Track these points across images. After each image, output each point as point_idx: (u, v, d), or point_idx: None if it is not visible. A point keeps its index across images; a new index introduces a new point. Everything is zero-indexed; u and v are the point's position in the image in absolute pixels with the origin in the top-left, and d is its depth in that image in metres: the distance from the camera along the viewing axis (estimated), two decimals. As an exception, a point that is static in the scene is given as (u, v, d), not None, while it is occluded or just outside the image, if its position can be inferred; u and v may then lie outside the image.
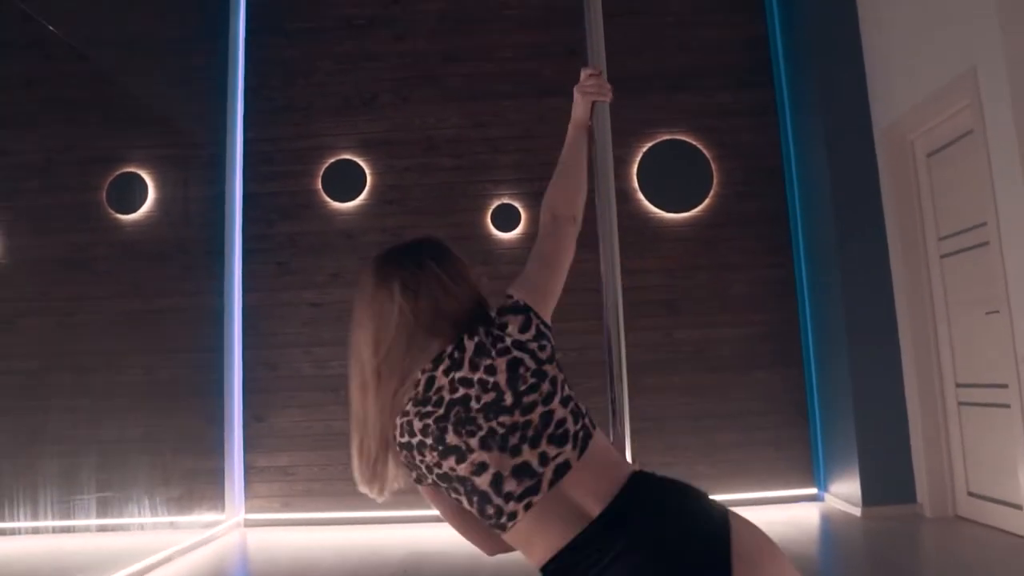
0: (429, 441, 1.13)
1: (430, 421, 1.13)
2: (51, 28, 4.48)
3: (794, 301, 4.93)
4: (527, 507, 1.10)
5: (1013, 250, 3.34)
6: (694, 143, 5.05)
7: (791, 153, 5.03)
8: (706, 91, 5.08)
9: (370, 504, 4.61)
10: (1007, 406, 3.49)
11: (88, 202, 4.91)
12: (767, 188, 5.03)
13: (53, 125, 4.90)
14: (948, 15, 3.72)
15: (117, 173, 4.95)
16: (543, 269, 1.32)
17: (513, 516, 1.11)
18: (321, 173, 5.09)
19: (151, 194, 4.94)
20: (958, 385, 4.05)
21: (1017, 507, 3.47)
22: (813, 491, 4.79)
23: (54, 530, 4.30)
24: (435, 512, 1.27)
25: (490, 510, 1.12)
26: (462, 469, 1.12)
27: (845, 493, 4.48)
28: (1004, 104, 3.31)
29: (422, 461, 1.15)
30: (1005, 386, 3.48)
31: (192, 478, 4.69)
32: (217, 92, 5.08)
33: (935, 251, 4.19)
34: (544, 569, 1.12)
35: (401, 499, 4.05)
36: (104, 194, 4.92)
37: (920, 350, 4.22)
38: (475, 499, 1.13)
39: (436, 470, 1.15)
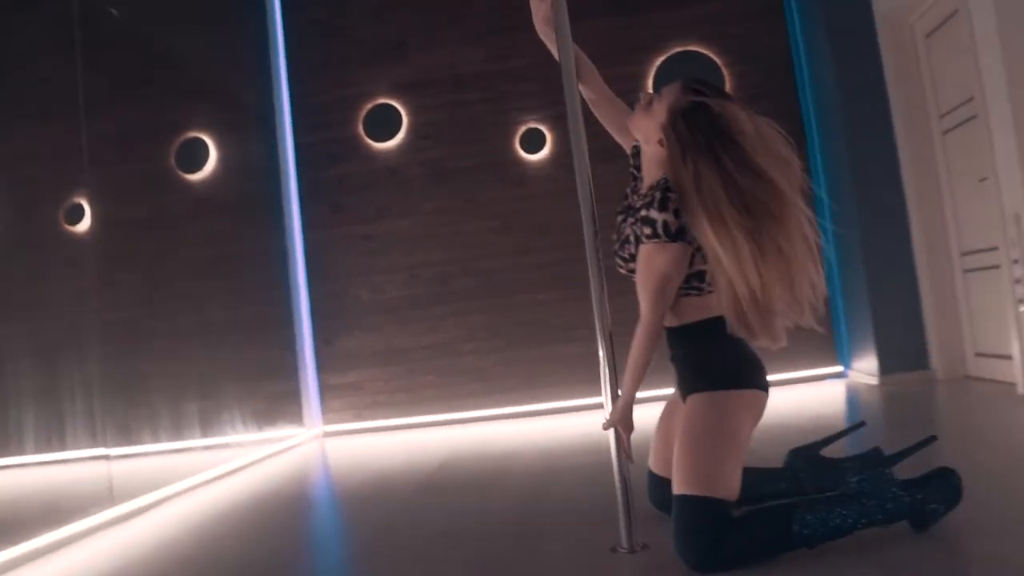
0: None
1: None
2: (113, 11, 5.05)
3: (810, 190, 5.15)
4: None
5: (998, 122, 3.52)
6: (706, 52, 5.27)
7: (800, 49, 5.20)
8: (713, -1, 5.27)
9: (427, 411, 5.13)
10: (998, 267, 3.72)
11: (160, 168, 5.52)
12: (781, 86, 5.22)
13: (123, 104, 5.50)
14: None
15: (182, 139, 5.54)
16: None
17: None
18: (362, 118, 5.57)
19: (213, 154, 5.52)
20: (962, 254, 4.26)
21: (1008, 358, 3.72)
22: (838, 369, 5.09)
23: (168, 451, 5.03)
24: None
25: None
26: None
27: (866, 367, 4.77)
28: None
29: None
30: (997, 249, 3.71)
31: (275, 399, 5.35)
32: (262, 57, 5.58)
33: (937, 128, 4.36)
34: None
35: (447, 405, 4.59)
36: (173, 159, 5.52)
37: (929, 224, 4.43)
38: None
39: None
